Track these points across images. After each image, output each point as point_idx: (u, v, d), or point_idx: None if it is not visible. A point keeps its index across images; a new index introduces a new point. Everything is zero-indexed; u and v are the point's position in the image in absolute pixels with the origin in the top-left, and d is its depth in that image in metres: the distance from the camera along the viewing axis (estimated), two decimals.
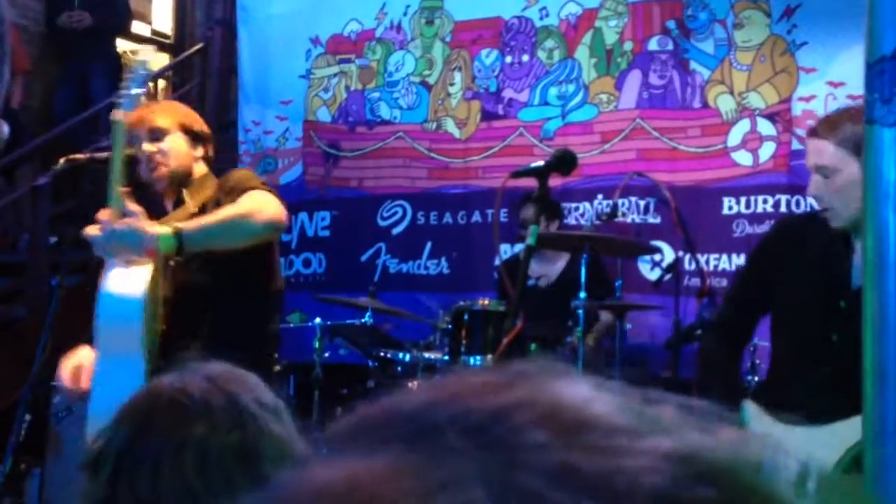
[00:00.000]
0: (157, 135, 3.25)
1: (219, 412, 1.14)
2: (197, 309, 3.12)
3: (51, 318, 3.08)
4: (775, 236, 3.08)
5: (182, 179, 3.30)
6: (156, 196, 3.36)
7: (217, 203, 3.18)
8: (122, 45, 8.36)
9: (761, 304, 3.02)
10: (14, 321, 6.26)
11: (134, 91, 2.97)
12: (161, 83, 8.73)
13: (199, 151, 3.34)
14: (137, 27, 8.72)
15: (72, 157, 3.12)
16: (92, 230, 2.89)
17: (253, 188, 3.15)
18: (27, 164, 6.99)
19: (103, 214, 2.90)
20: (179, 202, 3.29)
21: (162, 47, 9.37)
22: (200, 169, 3.36)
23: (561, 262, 5.42)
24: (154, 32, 9.41)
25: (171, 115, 3.32)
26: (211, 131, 3.47)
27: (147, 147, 3.22)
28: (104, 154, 3.24)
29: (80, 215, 6.64)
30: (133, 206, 2.89)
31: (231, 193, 3.16)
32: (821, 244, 2.83)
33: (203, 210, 3.20)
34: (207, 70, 7.77)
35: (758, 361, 4.49)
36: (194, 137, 3.33)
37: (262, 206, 3.08)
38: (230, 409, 1.16)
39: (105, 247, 2.88)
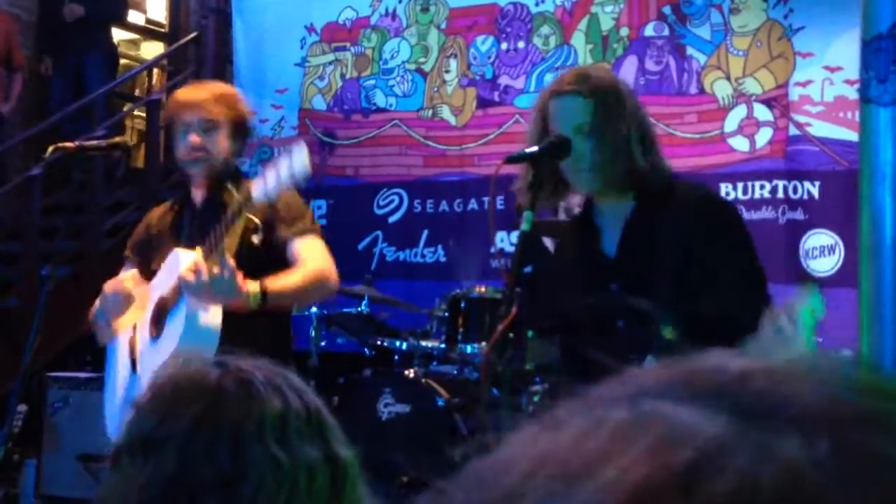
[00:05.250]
0: (207, 126, 3.11)
1: (286, 390, 1.22)
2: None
3: (40, 308, 3.05)
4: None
5: (219, 175, 3.14)
6: (185, 179, 3.30)
7: (269, 227, 3.01)
8: (117, 34, 8.32)
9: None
10: (6, 311, 6.24)
11: (276, 183, 2.70)
12: (155, 72, 8.69)
13: (238, 146, 3.22)
14: (132, 16, 8.69)
15: (61, 145, 3.07)
16: (187, 273, 2.80)
17: (312, 231, 3.19)
18: (20, 156, 6.96)
19: (200, 258, 2.82)
20: (216, 198, 3.12)
21: (156, 36, 9.35)
22: (235, 164, 3.28)
23: None
24: (148, 21, 9.38)
25: (227, 107, 3.15)
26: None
27: (193, 139, 3.09)
28: (93, 143, 3.20)
29: (70, 205, 6.61)
30: (230, 262, 2.79)
31: (287, 223, 3.10)
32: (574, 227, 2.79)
33: (256, 232, 2.97)
34: (202, 59, 7.72)
35: None
36: (240, 133, 3.20)
37: (330, 266, 3.15)
38: (293, 387, 1.23)
39: (197, 290, 2.81)
